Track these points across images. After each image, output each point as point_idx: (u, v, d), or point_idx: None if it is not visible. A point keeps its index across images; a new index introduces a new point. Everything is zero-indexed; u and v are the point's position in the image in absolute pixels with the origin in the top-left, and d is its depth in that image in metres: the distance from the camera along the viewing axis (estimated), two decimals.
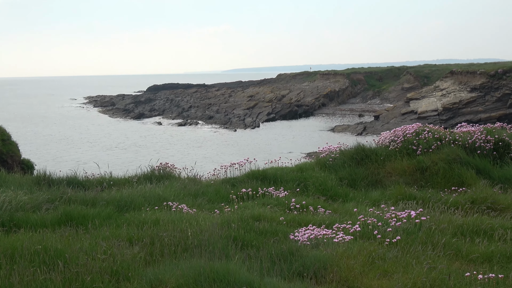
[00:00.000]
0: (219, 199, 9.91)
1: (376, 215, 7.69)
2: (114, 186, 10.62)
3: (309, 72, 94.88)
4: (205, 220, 7.50)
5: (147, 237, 6.58)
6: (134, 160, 36.11)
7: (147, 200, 9.03)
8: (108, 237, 6.73)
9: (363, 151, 11.97)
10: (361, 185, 11.02)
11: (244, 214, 7.73)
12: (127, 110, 76.20)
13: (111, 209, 8.27)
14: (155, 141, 47.28)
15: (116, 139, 48.47)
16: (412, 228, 6.89)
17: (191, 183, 10.74)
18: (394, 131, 12.57)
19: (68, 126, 61.13)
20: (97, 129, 57.82)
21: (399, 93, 72.15)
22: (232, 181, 11.07)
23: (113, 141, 47.55)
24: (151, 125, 61.18)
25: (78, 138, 49.73)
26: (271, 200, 9.37)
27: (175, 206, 8.55)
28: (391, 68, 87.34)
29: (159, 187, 10.23)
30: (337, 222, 7.65)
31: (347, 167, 11.56)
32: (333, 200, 9.94)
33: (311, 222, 7.65)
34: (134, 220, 7.60)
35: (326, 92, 76.09)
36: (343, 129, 51.54)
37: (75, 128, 58.80)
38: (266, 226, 7.25)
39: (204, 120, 63.71)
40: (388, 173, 11.32)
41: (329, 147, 12.99)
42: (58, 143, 46.54)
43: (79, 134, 52.81)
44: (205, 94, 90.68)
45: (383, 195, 10.06)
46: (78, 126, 61.10)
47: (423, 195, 9.38)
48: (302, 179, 10.92)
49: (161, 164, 12.17)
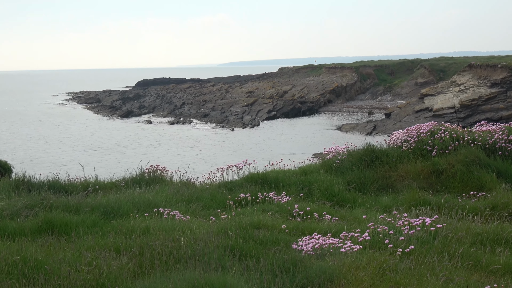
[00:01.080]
0: (215, 205, 9.91)
1: (387, 223, 7.70)
2: (100, 190, 10.62)
3: (313, 65, 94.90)
4: (199, 228, 7.50)
5: (136, 247, 6.58)
6: (121, 162, 36.10)
7: (136, 206, 9.03)
8: (93, 246, 6.72)
9: (373, 152, 11.98)
10: (370, 189, 11.03)
11: (242, 222, 7.73)
12: (114, 107, 76.21)
13: (97, 216, 8.27)
14: (145, 141, 47.28)
15: (100, 139, 48.47)
16: (426, 237, 6.89)
17: (184, 187, 10.73)
18: (407, 130, 12.59)
19: (48, 124, 61.11)
20: (79, 127, 57.82)
21: (412, 89, 72.20)
22: (229, 185, 11.06)
23: (96, 140, 47.54)
24: (140, 123, 61.20)
25: (57, 138, 49.71)
26: (272, 206, 9.37)
27: (167, 213, 8.55)
28: (403, 61, 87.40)
29: (149, 191, 10.23)
30: (345, 230, 7.66)
31: (356, 170, 11.57)
32: (340, 206, 9.95)
33: (316, 230, 7.66)
34: (122, 228, 7.60)
35: (332, 87, 76.13)
36: (351, 128, 51.56)
37: (55, 127, 58.81)
38: (267, 235, 7.25)
39: (199, 118, 63.74)
40: (400, 176, 11.33)
41: (335, 147, 13.00)
42: (36, 143, 46.52)
43: (58, 133, 52.80)
44: (199, 89, 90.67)
45: (395, 200, 10.06)
46: (58, 124, 61.09)
47: (438, 201, 9.39)
48: (306, 183, 10.92)
49: (151, 166, 12.18)
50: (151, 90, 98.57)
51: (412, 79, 75.87)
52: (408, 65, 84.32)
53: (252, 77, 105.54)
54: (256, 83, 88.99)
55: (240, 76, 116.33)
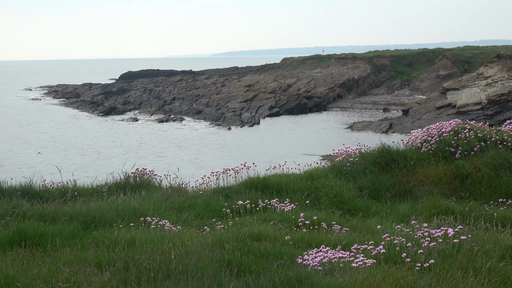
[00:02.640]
0: (209, 213, 9.91)
1: (405, 234, 7.70)
2: (79, 197, 10.62)
3: (321, 56, 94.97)
4: (192, 240, 7.51)
5: (120, 261, 6.58)
6: (103, 165, 36.11)
7: (120, 215, 9.04)
8: (71, 260, 6.73)
9: (389, 154, 11.99)
10: (386, 196, 11.03)
11: (240, 233, 7.74)
12: (95, 103, 76.24)
13: (76, 226, 8.28)
14: (130, 141, 47.31)
15: (79, 139, 48.48)
16: (449, 250, 6.89)
17: (174, 193, 10.74)
18: (427, 129, 12.60)
19: (19, 122, 61.08)
20: (54, 126, 57.85)
21: (433, 82, 72.25)
22: (225, 191, 11.06)
23: (74, 140, 47.52)
24: (125, 121, 61.23)
25: (29, 138, 49.72)
26: (274, 215, 9.38)
27: (155, 223, 8.56)
28: (423, 51, 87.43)
29: (135, 198, 10.23)
30: (357, 242, 7.66)
31: (369, 174, 11.57)
32: (351, 215, 9.95)
33: (324, 243, 7.66)
34: (104, 239, 7.60)
35: (342, 80, 76.15)
36: (363, 126, 51.60)
37: (28, 125, 58.83)
38: (268, 247, 7.26)
39: (191, 116, 63.80)
40: (419, 181, 11.34)
41: (346, 149, 13.00)
42: (5, 143, 46.50)
43: (31, 133, 52.79)
44: (192, 83, 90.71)
45: (414, 208, 10.06)
46: (31, 122, 61.06)
47: (463, 209, 9.39)
48: (312, 189, 10.92)
49: (137, 170, 12.18)
50: (137, 84, 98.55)
51: (433, 71, 75.92)
52: (429, 55, 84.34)
53: (251, 69, 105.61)
54: (256, 75, 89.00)
55: (238, 68, 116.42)
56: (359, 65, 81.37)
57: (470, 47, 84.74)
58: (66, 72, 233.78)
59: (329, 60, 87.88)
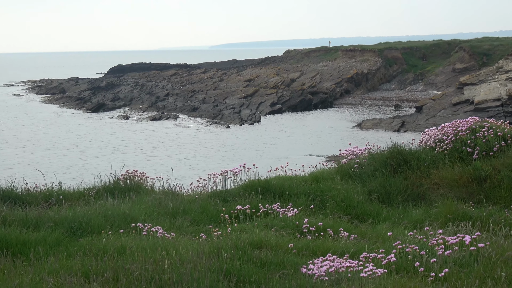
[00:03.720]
0: (206, 219, 9.92)
1: (418, 241, 7.71)
2: (64, 201, 10.64)
3: (327, 47, 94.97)
4: (187, 248, 7.52)
5: (109, 271, 6.59)
6: (90, 166, 36.14)
7: (109, 221, 9.05)
8: (56, 270, 6.73)
9: (401, 155, 11.99)
10: (397, 200, 11.04)
11: (240, 240, 7.75)
12: (82, 99, 76.32)
13: (61, 233, 8.29)
14: (120, 141, 47.34)
15: (65, 138, 48.51)
16: (466, 258, 6.90)
17: (168, 197, 10.75)
18: (443, 128, 12.61)
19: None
20: (32, 123, 57.88)
21: (449, 76, 72.25)
22: (223, 195, 11.07)
23: (60, 140, 47.54)
24: (114, 119, 61.27)
25: (10, 136, 49.70)
26: (276, 220, 9.39)
27: (147, 229, 8.57)
28: (438, 43, 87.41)
29: (125, 203, 10.24)
30: (366, 250, 7.67)
31: (379, 177, 11.58)
32: (359, 221, 9.96)
33: (330, 251, 7.67)
34: (92, 247, 7.62)
35: (350, 74, 76.17)
36: (373, 124, 51.63)
37: (7, 121, 58.84)
38: (270, 256, 7.27)
39: (186, 113, 63.84)
40: (434, 184, 11.34)
41: (354, 149, 13.01)
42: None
43: (12, 131, 52.77)
44: (187, 77, 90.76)
45: (427, 213, 10.07)
46: (12, 119, 61.06)
47: (481, 214, 9.40)
48: (318, 193, 10.93)
49: (128, 172, 12.20)
50: (127, 78, 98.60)
51: (449, 64, 75.92)
52: (444, 47, 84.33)
53: (251, 62, 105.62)
54: (256, 69, 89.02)
55: (237, 61, 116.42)
56: (369, 58, 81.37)
57: (489, 38, 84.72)
58: (50, 66, 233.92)
59: (336, 53, 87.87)
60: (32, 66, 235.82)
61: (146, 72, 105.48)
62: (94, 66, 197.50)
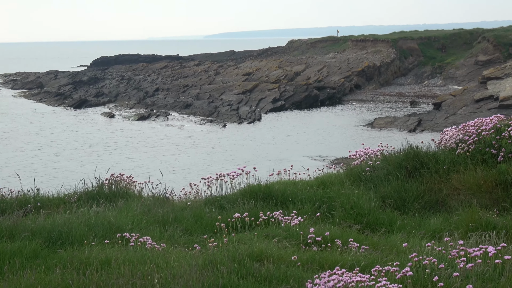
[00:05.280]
0: (200, 228, 9.92)
1: (437, 253, 7.72)
2: (42, 208, 10.63)
3: (335, 37, 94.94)
4: (179, 260, 7.52)
5: (92, 286, 6.59)
6: (72, 170, 36.14)
7: (92, 230, 9.05)
8: (34, 285, 6.73)
9: (417, 157, 11.99)
10: (413, 207, 11.04)
11: (238, 251, 7.75)
12: (62, 94, 76.34)
13: (39, 244, 8.29)
14: (104, 141, 47.35)
15: (43, 138, 48.51)
16: (490, 272, 6.90)
17: (158, 204, 10.74)
18: (464, 127, 12.60)
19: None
20: (5, 120, 57.83)
21: (471, 70, 72.27)
22: (219, 202, 11.07)
23: (37, 140, 47.55)
24: (98, 117, 61.30)
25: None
26: (278, 230, 9.39)
27: (135, 239, 8.57)
28: (459, 32, 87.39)
29: (110, 210, 10.24)
30: (378, 263, 7.67)
31: (393, 181, 11.58)
32: (371, 230, 9.96)
33: (338, 264, 7.67)
34: (73, 259, 7.61)
35: (361, 67, 76.17)
36: (386, 123, 51.66)
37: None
38: (271, 269, 7.27)
39: (178, 110, 63.87)
40: (454, 189, 11.34)
41: (365, 150, 13.01)
42: None
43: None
44: (179, 70, 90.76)
45: (447, 222, 10.06)
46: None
47: (507, 223, 9.40)
48: (325, 199, 10.93)
49: (113, 175, 12.19)
50: (112, 71, 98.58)
51: (471, 56, 75.91)
52: (466, 37, 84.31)
53: (251, 54, 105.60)
54: (256, 61, 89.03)
55: (235, 53, 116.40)
56: (381, 49, 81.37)
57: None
58: (26, 57, 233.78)
59: (345, 43, 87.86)
60: (6, 58, 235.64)
61: (133, 65, 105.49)
62: (75, 58, 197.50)
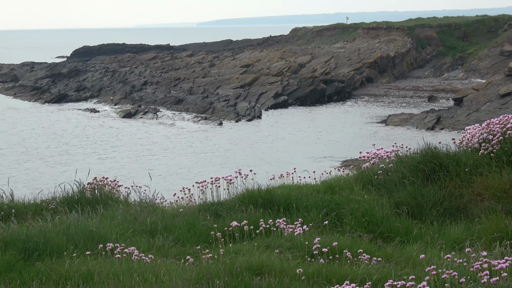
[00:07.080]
0: (193, 238, 9.92)
1: (457, 266, 7.72)
2: (17, 216, 10.63)
3: (344, 25, 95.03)
4: (170, 274, 7.52)
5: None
6: (49, 173, 36.15)
7: (72, 240, 9.05)
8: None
9: (436, 158, 11.99)
10: (431, 215, 11.04)
11: (235, 264, 7.75)
12: (39, 88, 76.33)
13: (13, 255, 8.29)
14: (86, 141, 47.34)
15: (16, 137, 48.50)
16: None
17: (146, 212, 10.74)
18: (488, 125, 12.59)
19: None
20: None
21: (496, 61, 72.28)
22: (215, 209, 11.06)
23: (9, 139, 47.54)
24: (80, 113, 61.28)
25: None
26: (280, 240, 9.39)
27: (120, 250, 8.55)
28: (482, 19, 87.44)
29: (92, 218, 10.24)
30: (392, 277, 7.67)
31: (409, 186, 11.58)
32: (384, 241, 9.96)
33: (347, 278, 7.67)
34: (52, 273, 7.62)
35: (373, 58, 76.18)
36: (402, 120, 51.65)
37: None
38: (273, 284, 7.27)
39: (169, 106, 63.87)
40: (477, 194, 11.34)
41: (377, 151, 12.99)
42: None
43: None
44: (170, 62, 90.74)
45: (469, 231, 10.06)
46: None
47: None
48: (333, 205, 10.93)
49: (96, 179, 12.18)
50: (95, 63, 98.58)
51: (496, 46, 75.93)
52: (490, 24, 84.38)
53: (250, 43, 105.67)
54: (256, 52, 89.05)
55: (232, 42, 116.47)
56: (396, 37, 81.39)
57: None
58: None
59: (355, 31, 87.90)
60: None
61: (118, 56, 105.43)
62: (54, 48, 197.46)
